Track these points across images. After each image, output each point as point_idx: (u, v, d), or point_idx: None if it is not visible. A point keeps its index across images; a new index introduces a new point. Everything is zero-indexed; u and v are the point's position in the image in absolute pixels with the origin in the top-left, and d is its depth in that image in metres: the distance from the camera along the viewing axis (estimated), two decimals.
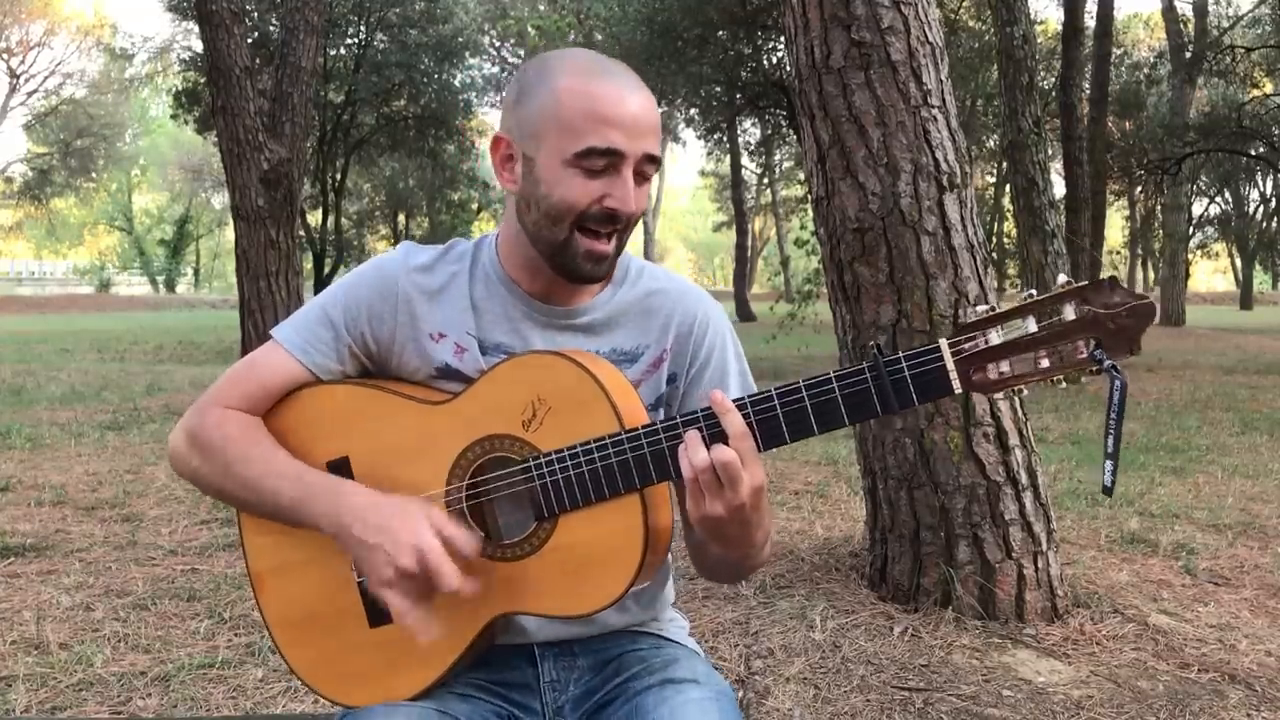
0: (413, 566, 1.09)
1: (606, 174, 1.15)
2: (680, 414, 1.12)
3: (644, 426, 1.12)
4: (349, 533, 1.14)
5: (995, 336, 1.01)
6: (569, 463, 1.13)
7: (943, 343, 1.03)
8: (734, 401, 1.08)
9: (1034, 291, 1.01)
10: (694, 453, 1.06)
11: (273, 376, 1.25)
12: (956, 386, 1.02)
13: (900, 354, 1.04)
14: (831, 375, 1.06)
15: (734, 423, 1.06)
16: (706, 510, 1.07)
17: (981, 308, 1.03)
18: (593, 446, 1.12)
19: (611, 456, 1.11)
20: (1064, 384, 1.03)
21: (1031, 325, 1.00)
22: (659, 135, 1.19)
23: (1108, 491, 1.05)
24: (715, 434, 1.08)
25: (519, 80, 1.21)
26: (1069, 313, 0.99)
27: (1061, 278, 1.01)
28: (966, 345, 1.02)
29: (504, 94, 1.29)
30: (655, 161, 1.18)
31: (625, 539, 1.12)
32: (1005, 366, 1.01)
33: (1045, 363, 1.00)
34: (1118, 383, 0.99)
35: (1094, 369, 0.99)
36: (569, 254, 1.18)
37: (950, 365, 1.02)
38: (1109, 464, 1.03)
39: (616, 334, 1.27)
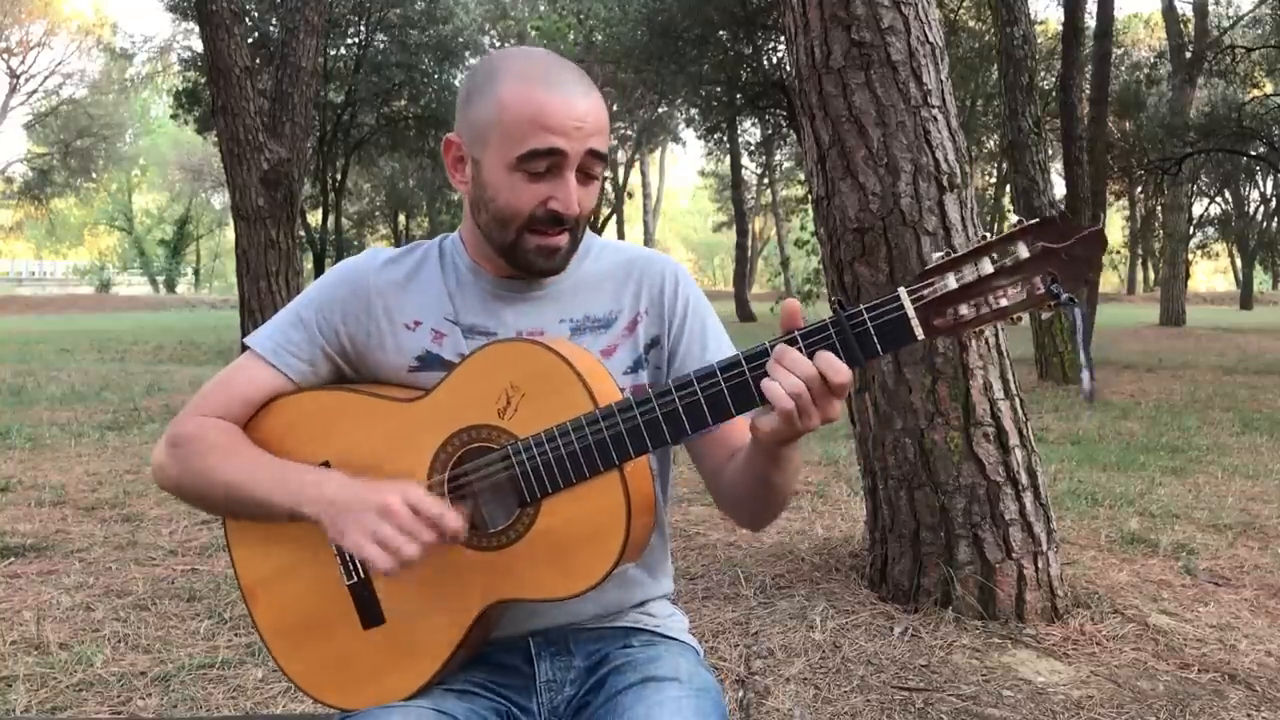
0: (397, 504, 1.10)
1: (549, 176, 1.17)
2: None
3: (618, 403, 1.12)
4: (329, 504, 1.14)
5: (953, 280, 1.02)
6: (547, 446, 1.13)
7: (901, 291, 1.03)
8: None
9: (987, 234, 1.03)
10: (796, 365, 1.04)
11: (247, 384, 1.26)
12: (919, 333, 1.03)
13: (861, 306, 1.05)
14: (797, 334, 1.07)
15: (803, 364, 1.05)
16: (802, 426, 1.05)
17: (937, 255, 1.04)
18: (569, 428, 1.12)
19: (589, 436, 1.12)
20: (1022, 321, 1.05)
21: (987, 266, 1.01)
22: (604, 132, 1.21)
23: (1089, 397, 1.10)
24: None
25: (468, 82, 1.23)
26: (1022, 251, 1.00)
27: (1013, 218, 1.03)
28: (925, 291, 1.03)
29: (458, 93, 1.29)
30: (601, 158, 1.20)
31: (608, 516, 1.12)
32: (965, 309, 1.02)
33: (1004, 302, 1.02)
34: (1076, 311, 1.02)
35: (1052, 303, 1.01)
36: (520, 252, 1.22)
37: (911, 312, 1.03)
38: (1086, 374, 1.08)
39: (587, 301, 1.29)
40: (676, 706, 1.17)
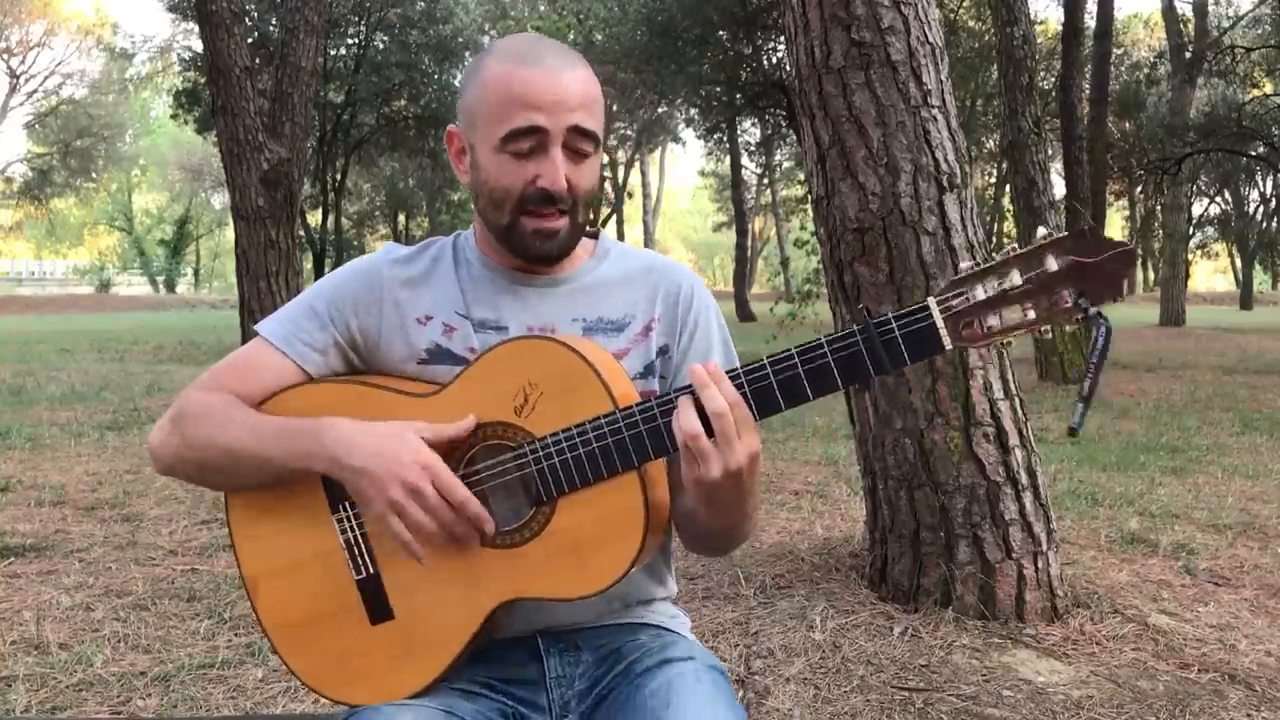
0: (421, 480, 1.10)
1: (535, 154, 1.18)
2: (674, 387, 1.13)
3: (638, 403, 1.12)
4: (342, 462, 1.14)
5: (981, 291, 1.02)
6: (565, 445, 1.13)
7: (931, 300, 1.04)
8: (727, 372, 1.09)
9: (1016, 245, 1.02)
10: (685, 417, 1.06)
11: (257, 369, 1.25)
12: (947, 343, 1.03)
13: (889, 314, 1.05)
14: (823, 340, 1.07)
15: (726, 391, 1.07)
16: (702, 474, 1.07)
17: (966, 264, 1.04)
18: (587, 427, 1.12)
19: (607, 436, 1.11)
20: (1049, 334, 1.05)
21: (1016, 278, 1.01)
22: (591, 109, 1.20)
23: (1073, 432, 1.08)
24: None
25: (464, 73, 1.26)
26: (1052, 264, 1.00)
27: (1041, 230, 1.02)
28: (954, 301, 1.03)
29: None
30: (588, 135, 1.19)
31: (626, 517, 1.12)
32: (993, 320, 1.03)
33: (1031, 314, 1.02)
34: (1103, 328, 1.01)
35: (1079, 317, 1.01)
36: (517, 236, 1.22)
37: (940, 322, 1.03)
38: (1080, 405, 1.06)
39: (602, 303, 1.29)
40: (695, 678, 1.18)
